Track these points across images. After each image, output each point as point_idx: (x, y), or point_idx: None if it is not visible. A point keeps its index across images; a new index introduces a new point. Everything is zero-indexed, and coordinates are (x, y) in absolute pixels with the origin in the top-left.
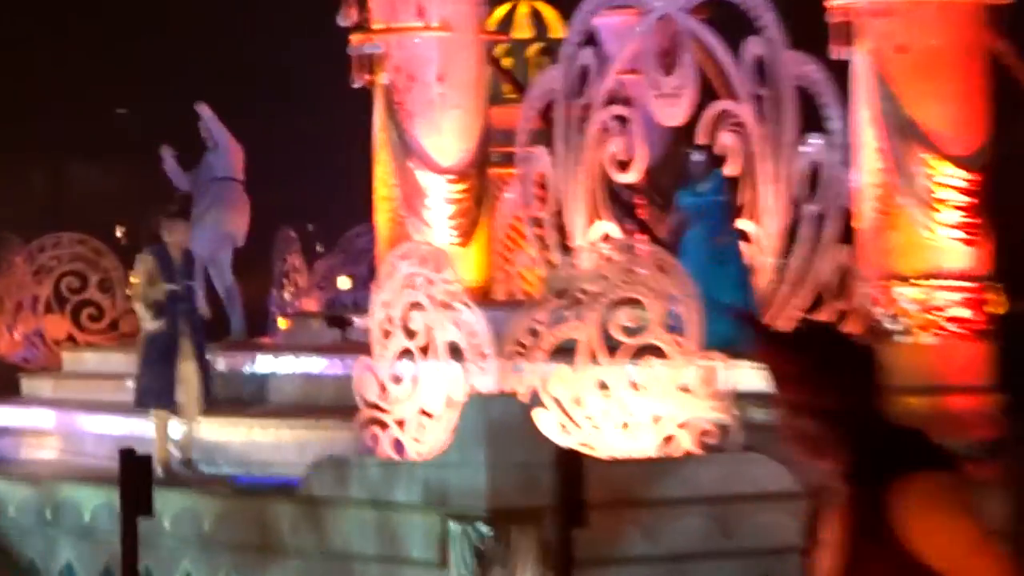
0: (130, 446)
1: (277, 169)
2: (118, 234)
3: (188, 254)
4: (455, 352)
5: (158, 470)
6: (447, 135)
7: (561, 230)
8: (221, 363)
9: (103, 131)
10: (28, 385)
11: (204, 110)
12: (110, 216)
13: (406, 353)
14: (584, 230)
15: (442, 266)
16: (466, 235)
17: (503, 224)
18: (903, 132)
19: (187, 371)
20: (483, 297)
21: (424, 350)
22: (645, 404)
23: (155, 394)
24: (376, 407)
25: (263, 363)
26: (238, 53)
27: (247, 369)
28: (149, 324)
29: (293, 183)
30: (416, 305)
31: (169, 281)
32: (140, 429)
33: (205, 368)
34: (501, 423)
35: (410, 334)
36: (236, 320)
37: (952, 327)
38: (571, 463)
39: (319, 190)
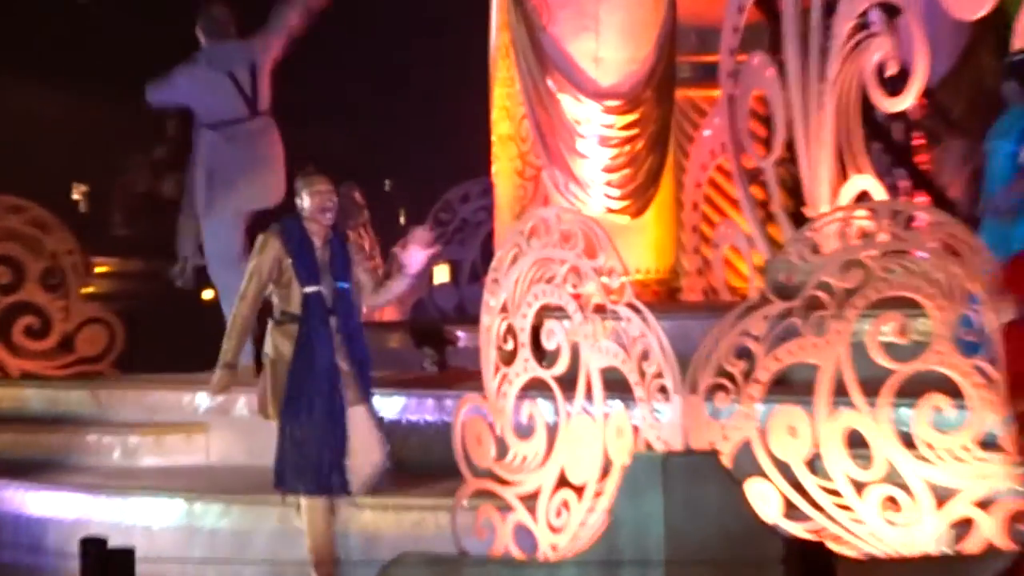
0: (97, 535)
1: (332, 93)
2: (75, 196)
3: (339, 236)
4: (616, 386)
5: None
6: (608, 37)
7: (792, 188)
8: (243, 401)
9: (45, 35)
10: None
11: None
12: (62, 168)
13: (538, 388)
14: (829, 187)
15: (598, 247)
16: (637, 197)
17: (698, 179)
18: None
19: (354, 421)
20: (665, 297)
21: (567, 382)
22: (924, 470)
23: (304, 471)
24: (491, 475)
25: None
26: None
27: None
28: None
29: (357, 114)
30: (554, 311)
31: (308, 280)
32: (114, 512)
33: (376, 419)
34: (691, 499)
35: (544, 357)
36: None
37: None
38: (810, 563)
39: (401, 126)
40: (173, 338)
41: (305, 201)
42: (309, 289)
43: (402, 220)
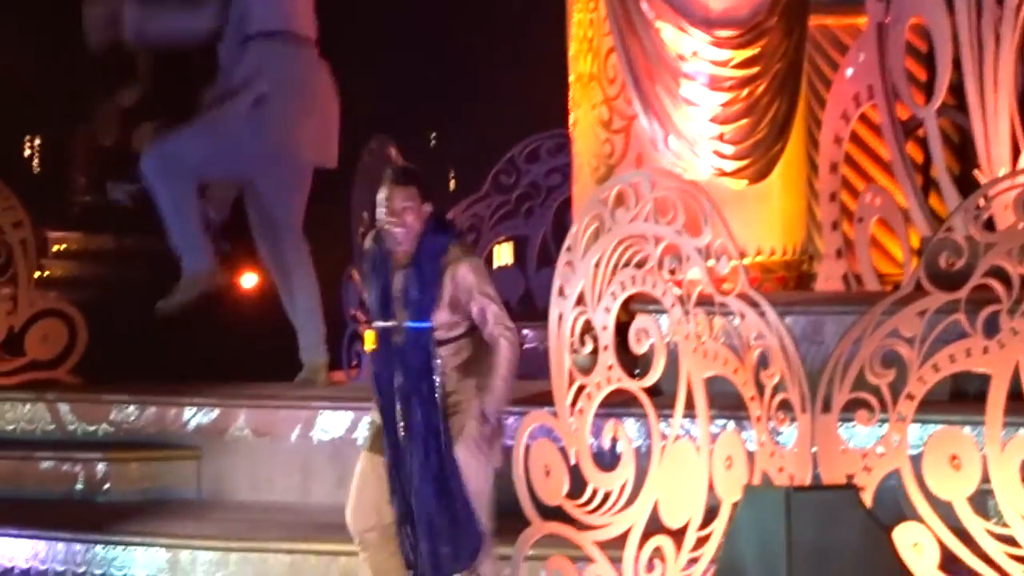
0: None
1: (356, 21)
2: (25, 152)
3: (429, 256)
4: (726, 401)
5: None
6: None
7: (959, 146)
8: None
9: None
10: None
11: None
12: (9, 118)
13: (624, 404)
14: (1009, 144)
15: (704, 221)
16: (758, 156)
17: (838, 133)
18: None
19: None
20: (792, 286)
21: (662, 397)
22: None
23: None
24: (563, 516)
25: (329, 423)
26: None
27: (294, 433)
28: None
29: (391, 49)
30: (647, 303)
31: (374, 312)
32: (76, 562)
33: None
34: (822, 547)
35: (634, 364)
36: (308, 334)
37: None
38: None
39: (449, 62)
40: (153, 337)
41: (385, 203)
42: (382, 324)
43: (452, 185)
